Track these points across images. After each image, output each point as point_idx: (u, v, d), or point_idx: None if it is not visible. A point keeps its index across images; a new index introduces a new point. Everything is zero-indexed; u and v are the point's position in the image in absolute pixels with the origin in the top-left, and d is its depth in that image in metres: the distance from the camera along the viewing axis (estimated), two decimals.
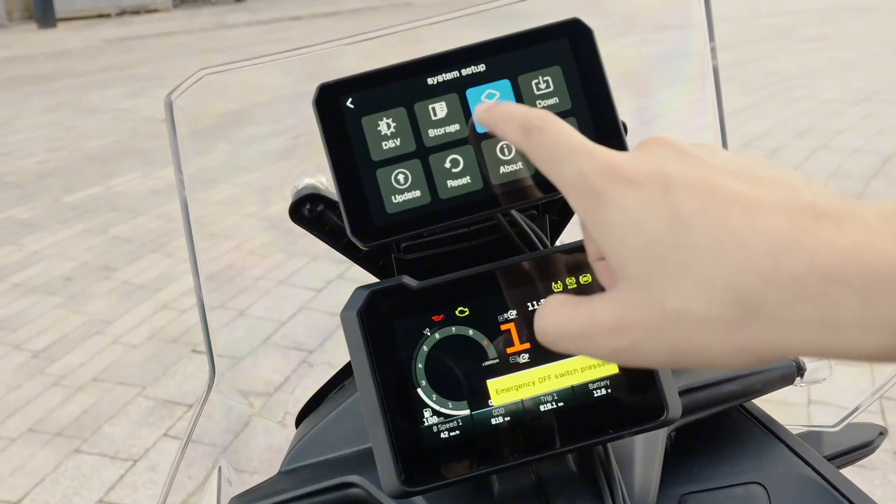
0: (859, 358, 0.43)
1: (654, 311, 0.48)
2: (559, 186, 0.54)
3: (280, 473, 1.02)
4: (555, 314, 0.54)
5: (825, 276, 0.42)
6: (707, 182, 0.48)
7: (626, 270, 0.49)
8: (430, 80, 0.76)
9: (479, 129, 0.75)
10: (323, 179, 0.94)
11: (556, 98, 0.76)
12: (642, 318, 0.48)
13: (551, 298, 0.55)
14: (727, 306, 0.45)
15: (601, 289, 0.80)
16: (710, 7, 1.00)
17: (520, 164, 0.76)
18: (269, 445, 3.31)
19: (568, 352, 0.54)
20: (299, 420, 1.15)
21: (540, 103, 0.76)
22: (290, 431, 1.15)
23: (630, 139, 0.81)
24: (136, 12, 26.41)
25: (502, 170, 0.76)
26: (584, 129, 0.76)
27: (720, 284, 0.45)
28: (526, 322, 0.79)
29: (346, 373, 1.13)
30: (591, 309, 0.52)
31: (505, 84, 0.76)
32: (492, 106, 0.63)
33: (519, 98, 0.76)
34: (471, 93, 0.76)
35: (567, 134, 0.55)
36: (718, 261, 0.45)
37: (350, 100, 0.75)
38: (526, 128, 0.57)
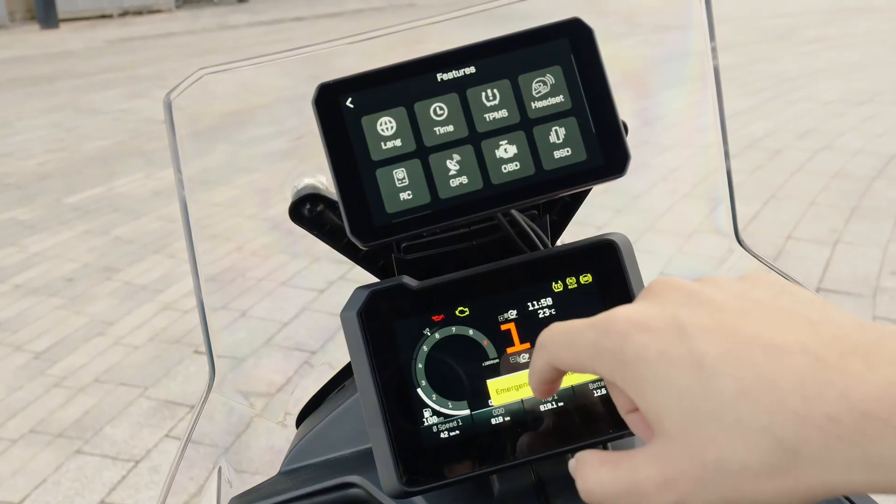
0: None
1: (695, 464, 0.47)
2: (595, 370, 0.54)
3: (280, 474, 1.02)
4: (597, 474, 0.54)
5: (862, 416, 0.42)
6: (722, 325, 0.48)
7: (663, 425, 0.49)
8: (430, 80, 0.76)
9: (480, 130, 0.75)
10: (323, 179, 0.94)
11: (556, 98, 0.76)
12: (685, 473, 0.48)
13: (587, 455, 0.55)
14: (767, 452, 0.45)
15: (601, 291, 0.80)
16: (710, 7, 1.00)
17: (519, 165, 0.76)
18: (272, 447, 3.31)
19: None
20: (300, 420, 1.15)
21: (540, 103, 0.76)
22: (291, 432, 1.15)
23: (632, 140, 0.81)
24: (139, 13, 26.43)
25: (504, 169, 0.76)
26: (584, 129, 0.76)
27: (756, 430, 0.45)
28: (526, 322, 0.79)
29: (346, 373, 1.13)
30: (632, 466, 0.51)
31: (505, 84, 0.76)
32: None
33: (519, 98, 0.76)
34: (471, 92, 0.76)
35: (568, 323, 0.56)
36: (750, 406, 0.45)
37: (350, 99, 0.75)
38: (540, 362, 0.59)
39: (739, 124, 8.20)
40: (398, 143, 0.76)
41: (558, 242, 1.01)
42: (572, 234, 0.94)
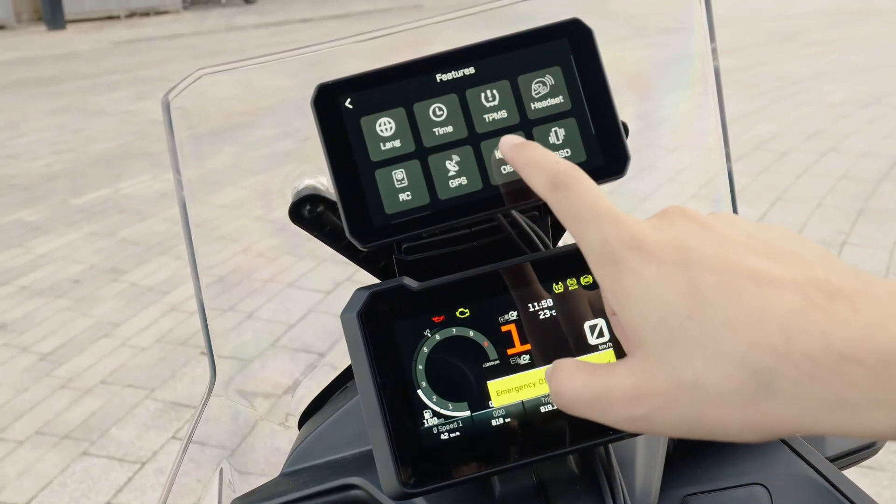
0: (871, 436, 0.43)
1: (670, 382, 0.48)
2: (581, 248, 0.55)
3: (282, 475, 1.02)
4: (571, 379, 0.55)
5: (838, 356, 0.42)
6: (725, 257, 0.49)
7: (643, 340, 0.50)
8: (429, 81, 0.76)
9: (480, 130, 0.75)
10: (323, 180, 0.94)
11: (556, 99, 0.76)
12: (658, 389, 0.49)
13: (566, 362, 0.56)
14: (742, 381, 0.45)
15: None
16: (710, 9, 1.00)
17: None
18: (277, 448, 3.32)
19: (582, 416, 0.54)
20: (302, 422, 1.15)
21: (539, 104, 0.76)
22: (293, 433, 1.15)
23: (638, 142, 0.81)
24: (146, 14, 26.43)
25: (504, 170, 0.76)
26: (583, 130, 0.76)
27: (735, 359, 0.45)
28: (527, 323, 0.79)
29: (348, 374, 1.13)
30: (607, 376, 0.52)
31: (504, 84, 0.76)
32: (521, 145, 0.65)
33: (518, 98, 0.76)
34: (470, 93, 0.76)
35: (594, 196, 0.56)
36: (734, 336, 0.46)
37: (349, 100, 0.75)
38: (554, 182, 0.58)
39: (745, 127, 8.20)
40: (397, 143, 0.76)
41: (560, 243, 1.01)
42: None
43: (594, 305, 0.79)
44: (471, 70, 0.76)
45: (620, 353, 0.80)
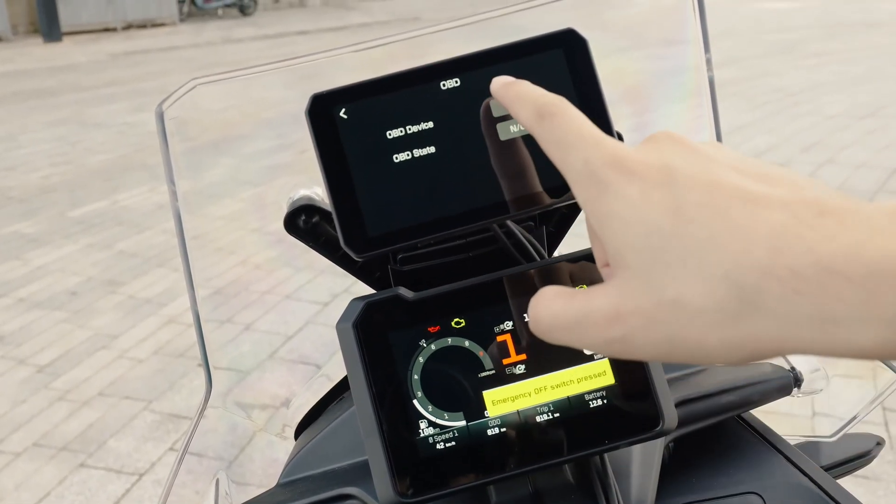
0: (856, 354, 0.42)
1: (651, 300, 0.48)
2: (564, 174, 0.54)
3: (278, 486, 1.02)
4: (549, 303, 0.54)
5: (825, 270, 0.41)
6: (711, 176, 0.48)
7: (625, 260, 0.49)
8: (424, 91, 0.76)
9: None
10: (318, 191, 0.94)
11: None
12: (638, 308, 0.48)
13: (546, 289, 0.56)
14: (725, 298, 0.45)
15: None
16: (705, 20, 1.00)
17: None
18: (274, 459, 3.31)
19: (560, 342, 0.54)
20: (298, 432, 1.16)
21: None
22: (290, 443, 1.15)
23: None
24: (143, 26, 26.44)
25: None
26: None
27: (719, 276, 0.45)
28: (522, 333, 0.79)
29: (345, 385, 1.13)
30: (586, 299, 0.52)
31: None
32: (510, 83, 0.64)
33: None
34: (465, 103, 0.76)
35: (578, 122, 0.55)
36: (718, 253, 0.45)
37: (343, 110, 0.75)
38: (540, 112, 0.58)
39: (743, 138, 8.21)
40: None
41: (555, 253, 1.01)
42: (569, 245, 0.94)
43: None
44: (466, 81, 0.76)
45: (616, 363, 0.80)
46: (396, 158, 0.76)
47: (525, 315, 0.79)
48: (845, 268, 0.41)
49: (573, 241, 0.97)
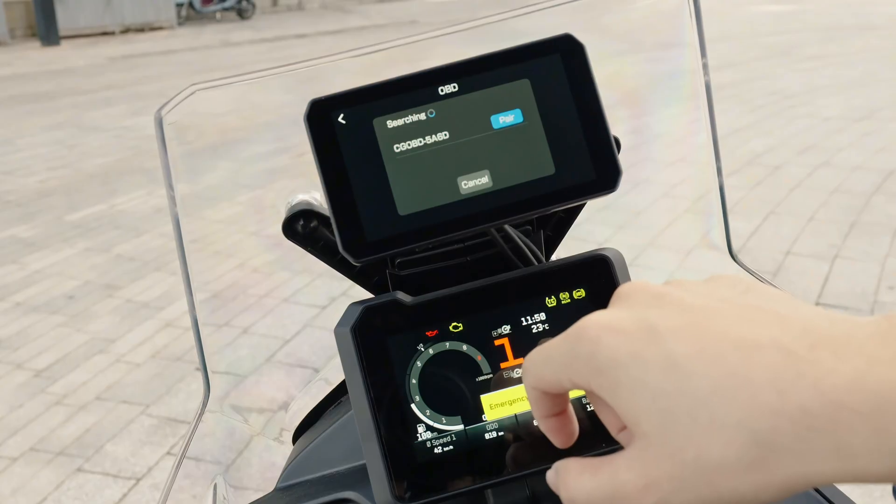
0: (877, 481, 0.43)
1: (674, 464, 0.48)
2: (572, 382, 0.55)
3: (276, 490, 1.02)
4: (579, 482, 0.54)
5: (833, 404, 0.42)
6: (691, 324, 0.49)
7: (641, 428, 0.50)
8: (422, 96, 0.76)
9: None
10: (317, 195, 0.94)
11: (548, 113, 0.76)
12: (664, 474, 0.48)
13: (568, 464, 0.56)
14: (743, 447, 0.45)
15: (594, 305, 0.81)
16: (701, 24, 1.00)
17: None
18: (272, 463, 3.31)
19: None
20: (296, 437, 1.16)
21: None
22: (288, 448, 1.15)
23: (634, 157, 0.81)
24: (140, 30, 26.41)
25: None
26: (575, 145, 0.76)
27: (731, 426, 0.45)
28: (520, 337, 0.79)
29: (343, 389, 1.13)
30: (613, 471, 0.52)
31: None
32: None
33: None
34: (463, 109, 0.76)
35: (538, 350, 0.57)
36: (725, 403, 0.45)
37: (342, 115, 0.76)
38: (528, 389, 0.59)
39: (740, 140, 8.22)
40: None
41: (553, 258, 1.01)
42: (569, 248, 0.94)
43: None
44: (464, 85, 0.76)
45: None
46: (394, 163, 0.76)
47: (523, 319, 0.80)
48: (851, 401, 0.42)
49: (571, 245, 0.97)
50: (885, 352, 0.42)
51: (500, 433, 0.78)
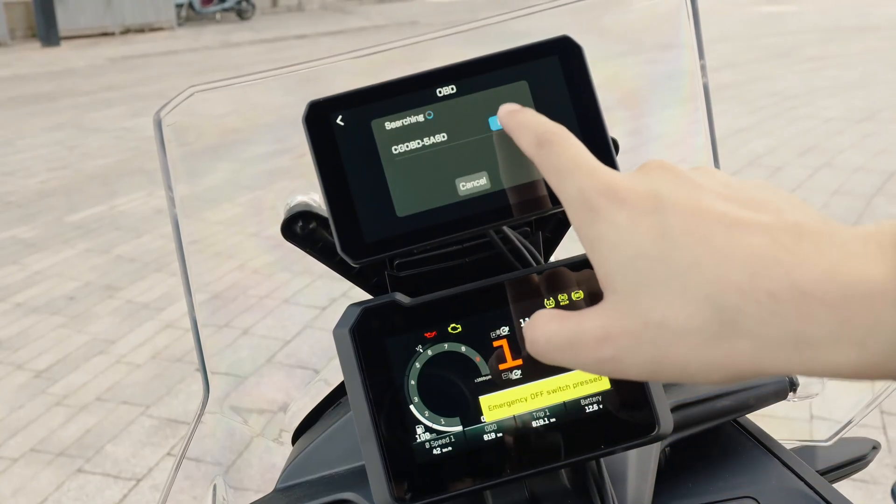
0: (832, 374, 0.44)
1: (637, 322, 0.49)
2: (560, 199, 0.57)
3: (276, 491, 1.02)
4: (544, 326, 0.56)
5: (801, 294, 0.43)
6: (697, 203, 0.50)
7: (613, 284, 0.51)
8: (420, 98, 0.76)
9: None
10: (315, 197, 0.94)
11: (546, 115, 0.76)
12: (626, 329, 0.50)
13: (541, 312, 0.57)
14: (706, 319, 0.46)
15: (593, 305, 0.80)
16: (699, 26, 1.01)
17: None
18: (272, 464, 3.31)
19: (556, 363, 0.55)
20: (295, 437, 1.16)
21: None
22: (287, 449, 1.15)
23: (635, 157, 0.81)
24: (140, 30, 26.39)
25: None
26: None
27: (700, 298, 0.46)
28: (519, 339, 0.79)
29: (341, 390, 1.13)
30: (578, 321, 0.53)
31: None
32: (515, 111, 0.67)
33: None
34: (461, 110, 0.76)
35: (574, 151, 0.58)
36: (700, 276, 0.47)
37: (340, 117, 0.76)
38: (539, 140, 0.60)
39: (741, 141, 8.22)
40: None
41: (551, 259, 1.01)
42: (565, 251, 0.94)
43: None
44: (462, 87, 0.77)
45: None
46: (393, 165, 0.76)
47: (522, 320, 0.80)
48: (820, 291, 0.43)
49: (570, 246, 0.97)
50: (864, 248, 0.43)
51: (499, 434, 0.78)
